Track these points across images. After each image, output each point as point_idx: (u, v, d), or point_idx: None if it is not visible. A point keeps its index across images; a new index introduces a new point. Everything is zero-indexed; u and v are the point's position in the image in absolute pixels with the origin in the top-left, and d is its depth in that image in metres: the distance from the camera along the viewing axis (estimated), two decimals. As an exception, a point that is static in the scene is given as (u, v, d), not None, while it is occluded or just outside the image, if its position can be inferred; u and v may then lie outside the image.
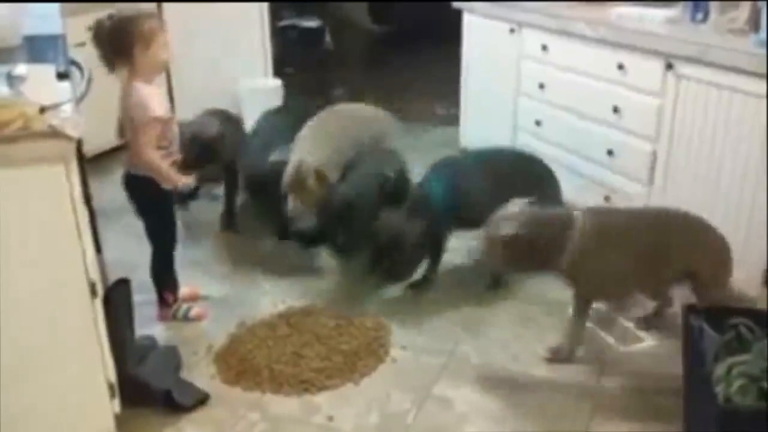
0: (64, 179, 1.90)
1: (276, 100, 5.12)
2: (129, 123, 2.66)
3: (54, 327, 2.01)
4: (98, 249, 2.46)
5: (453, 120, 4.91)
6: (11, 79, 1.91)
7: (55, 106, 1.93)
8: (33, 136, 1.79)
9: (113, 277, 3.06)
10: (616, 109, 3.33)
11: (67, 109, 1.97)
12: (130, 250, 3.26)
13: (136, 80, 2.59)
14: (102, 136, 4.30)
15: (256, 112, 4.99)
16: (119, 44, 2.53)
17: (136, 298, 2.63)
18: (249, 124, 5.04)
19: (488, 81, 4.30)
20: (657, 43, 3.08)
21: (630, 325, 2.86)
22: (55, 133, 1.80)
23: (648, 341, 2.78)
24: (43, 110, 1.86)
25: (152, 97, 2.61)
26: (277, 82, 5.27)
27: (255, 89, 5.14)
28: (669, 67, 3.03)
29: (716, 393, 1.86)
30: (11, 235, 1.89)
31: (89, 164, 4.14)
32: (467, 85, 4.57)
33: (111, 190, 4.09)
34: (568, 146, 3.70)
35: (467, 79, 4.55)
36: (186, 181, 2.75)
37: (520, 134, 4.07)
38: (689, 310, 2.20)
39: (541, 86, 3.82)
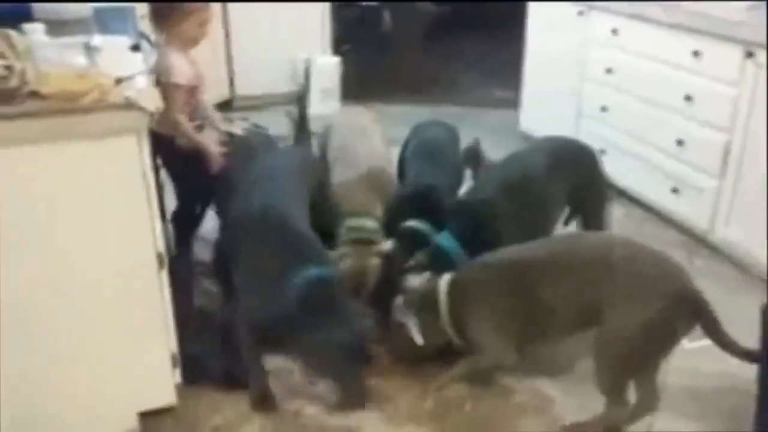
0: (136, 151, 1.90)
1: (334, 77, 5.10)
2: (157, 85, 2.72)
3: (121, 297, 2.03)
4: (164, 220, 2.48)
5: (513, 104, 4.82)
6: (88, 50, 1.91)
7: (130, 78, 1.94)
8: (109, 108, 1.80)
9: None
10: (688, 98, 3.21)
11: (141, 81, 1.98)
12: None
13: (170, 47, 2.74)
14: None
15: (315, 88, 5.02)
16: (159, 11, 2.73)
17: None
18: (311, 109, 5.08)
19: (552, 64, 4.21)
20: (737, 30, 2.95)
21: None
22: (130, 105, 1.80)
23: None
24: (119, 82, 1.86)
25: (178, 64, 2.73)
26: (336, 60, 5.24)
27: (314, 65, 5.12)
28: (749, 55, 2.90)
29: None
30: (83, 205, 1.91)
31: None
32: (530, 67, 4.48)
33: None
34: (634, 134, 3.59)
35: (530, 61, 4.46)
36: (217, 150, 2.80)
37: (584, 120, 3.97)
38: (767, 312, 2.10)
39: (609, 71, 3.71)
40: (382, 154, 3.07)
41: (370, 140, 3.12)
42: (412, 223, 2.77)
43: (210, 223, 3.06)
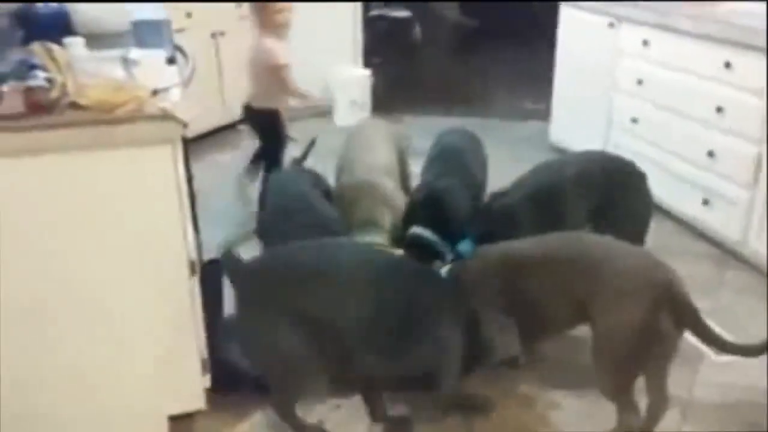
0: (171, 160, 1.96)
1: (365, 89, 5.16)
2: (254, 70, 3.47)
3: (153, 302, 2.08)
4: (196, 228, 2.52)
5: (543, 115, 4.83)
6: (126, 63, 1.98)
7: (166, 90, 1.99)
8: (145, 118, 1.86)
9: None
10: (719, 109, 3.20)
11: (176, 92, 2.03)
12: (212, 234, 3.35)
13: (264, 34, 3.38)
14: (197, 121, 4.51)
15: (345, 100, 5.07)
16: (254, 5, 3.43)
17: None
18: (337, 115, 5.13)
19: (583, 76, 4.21)
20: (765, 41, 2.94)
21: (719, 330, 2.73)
22: (166, 116, 1.86)
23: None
24: (155, 93, 1.92)
25: (276, 48, 3.39)
26: (366, 72, 5.31)
27: (345, 77, 5.18)
28: (780, 65, 2.88)
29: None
30: (119, 213, 1.96)
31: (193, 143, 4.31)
32: (560, 79, 4.49)
33: (201, 170, 4.26)
34: (665, 146, 3.57)
35: (560, 73, 4.47)
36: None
37: (614, 132, 3.97)
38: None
39: (640, 83, 3.71)
40: (382, 168, 3.06)
41: (374, 154, 3.13)
42: (418, 230, 2.76)
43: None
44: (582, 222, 2.70)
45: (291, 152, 4.67)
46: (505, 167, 3.38)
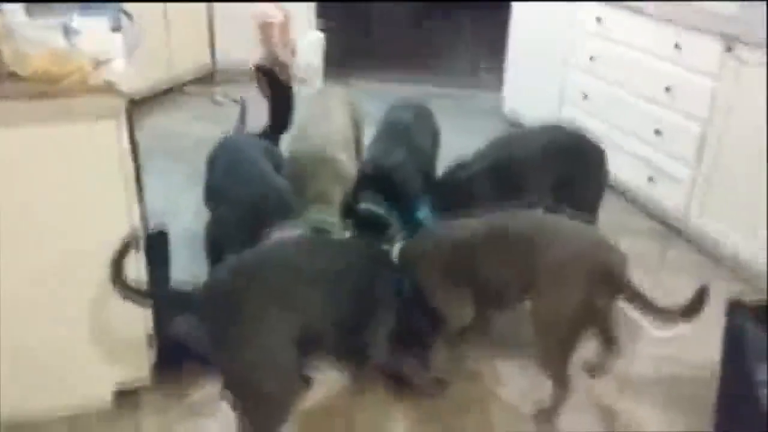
0: (114, 134, 1.90)
1: (318, 53, 5.07)
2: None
3: (96, 277, 2.01)
4: (140, 199, 2.47)
5: (498, 86, 4.82)
6: (68, 32, 1.89)
7: (109, 60, 1.92)
8: (89, 91, 1.79)
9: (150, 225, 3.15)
10: (668, 89, 3.25)
11: (120, 63, 1.96)
12: (167, 198, 3.29)
13: None
14: (144, 80, 4.39)
15: (299, 66, 4.98)
16: None
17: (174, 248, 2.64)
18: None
19: (536, 49, 4.22)
20: (717, 24, 2.98)
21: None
22: (110, 89, 1.79)
23: (682, 326, 2.73)
24: (98, 65, 1.85)
25: (265, 7, 3.53)
26: (319, 35, 5.20)
27: (298, 40, 5.07)
28: (728, 49, 2.93)
29: (759, 397, 1.83)
30: (59, 188, 1.91)
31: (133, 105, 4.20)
32: (514, 51, 4.48)
33: (148, 134, 4.16)
34: (614, 123, 3.62)
35: (514, 44, 4.47)
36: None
37: (566, 106, 4.00)
38: (733, 306, 2.15)
39: (592, 59, 3.73)
40: (338, 140, 2.98)
41: (329, 124, 3.05)
42: (367, 205, 2.75)
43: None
44: (542, 195, 2.74)
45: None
46: (458, 139, 3.39)
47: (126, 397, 2.24)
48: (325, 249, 2.16)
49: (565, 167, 2.70)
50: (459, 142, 3.29)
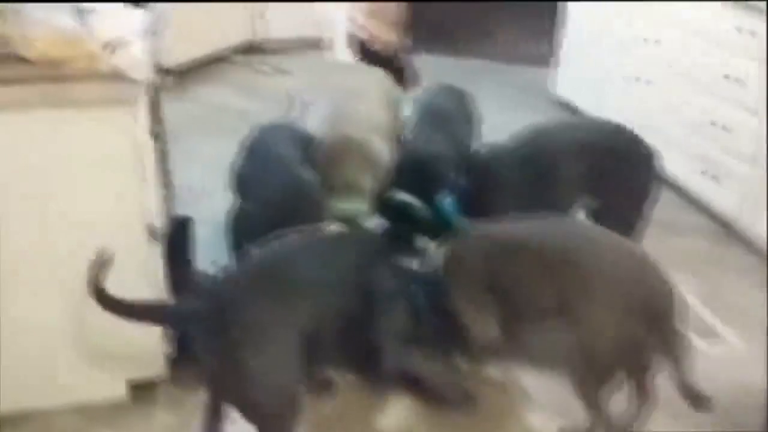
0: (129, 122, 1.82)
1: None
2: None
3: (113, 268, 1.96)
4: (166, 184, 2.40)
5: (548, 61, 4.59)
6: (80, 12, 1.79)
7: (125, 42, 1.82)
8: (95, 77, 1.70)
9: (179, 203, 3.09)
10: (727, 77, 3.01)
11: (138, 45, 1.86)
12: (195, 177, 3.22)
13: None
14: (181, 50, 4.31)
15: (345, 33, 4.83)
16: None
17: (198, 228, 2.56)
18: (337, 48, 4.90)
19: (592, 27, 3.99)
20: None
21: (715, 319, 2.63)
22: (118, 76, 1.70)
23: (732, 340, 2.55)
24: (109, 47, 1.75)
25: None
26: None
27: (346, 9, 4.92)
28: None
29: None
30: (71, 174, 1.84)
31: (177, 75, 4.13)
32: (568, 27, 4.25)
33: (185, 108, 4.11)
34: (668, 110, 3.40)
35: (569, 21, 4.23)
36: None
37: (618, 90, 3.77)
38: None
39: (647, 41, 3.49)
40: (372, 123, 2.83)
41: (365, 106, 2.89)
42: (398, 194, 2.59)
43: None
44: (575, 193, 2.55)
45: (286, 83, 4.54)
46: (502, 117, 3.21)
47: (142, 390, 2.18)
48: (319, 248, 2.03)
49: (604, 166, 2.47)
50: (502, 119, 3.12)
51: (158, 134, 2.24)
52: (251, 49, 4.97)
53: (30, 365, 2.03)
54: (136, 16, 2.04)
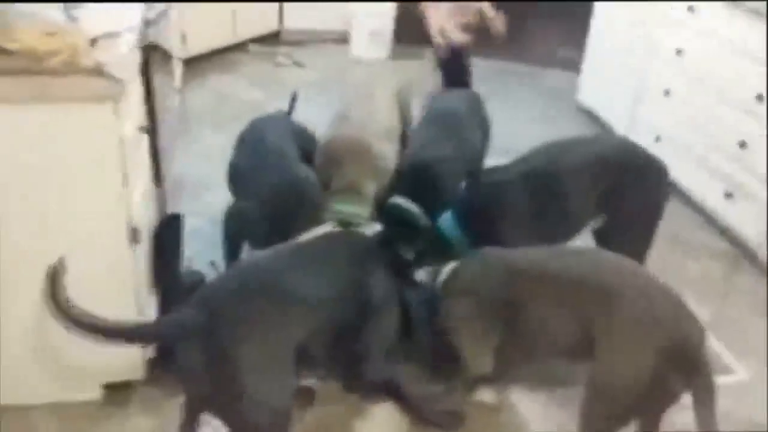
0: (112, 119, 1.74)
1: (387, 18, 4.80)
2: None
3: (90, 268, 1.87)
4: (158, 182, 2.33)
5: (576, 65, 4.44)
6: (68, 7, 1.72)
7: (115, 35, 1.75)
8: (76, 72, 1.63)
9: (182, 195, 3.03)
10: (760, 97, 2.86)
11: (125, 40, 1.79)
12: (202, 170, 3.16)
13: None
14: (201, 38, 4.25)
15: (364, 29, 4.72)
16: None
17: (199, 222, 2.50)
18: (354, 44, 4.79)
19: (620, 34, 3.83)
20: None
21: (724, 349, 2.51)
22: (100, 72, 1.63)
23: (740, 374, 2.43)
24: (94, 42, 1.68)
25: None
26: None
27: (367, 7, 4.81)
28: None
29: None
30: (52, 172, 1.77)
31: (186, 66, 4.07)
32: (594, 35, 4.11)
33: (200, 97, 4.05)
34: (694, 127, 3.25)
35: (596, 28, 4.09)
36: None
37: (644, 102, 3.62)
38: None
39: (679, 52, 3.34)
40: (380, 127, 2.73)
41: (372, 109, 2.79)
42: (399, 200, 2.49)
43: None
44: (586, 213, 2.43)
45: (302, 76, 4.46)
46: (524, 124, 3.08)
47: (118, 390, 2.13)
48: (311, 257, 1.93)
49: (617, 185, 2.35)
50: (525, 127, 2.99)
51: (151, 129, 2.17)
52: (271, 40, 4.89)
53: (5, 363, 1.97)
54: (131, 9, 1.97)
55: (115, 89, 1.68)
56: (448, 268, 2.15)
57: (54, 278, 1.52)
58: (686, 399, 1.73)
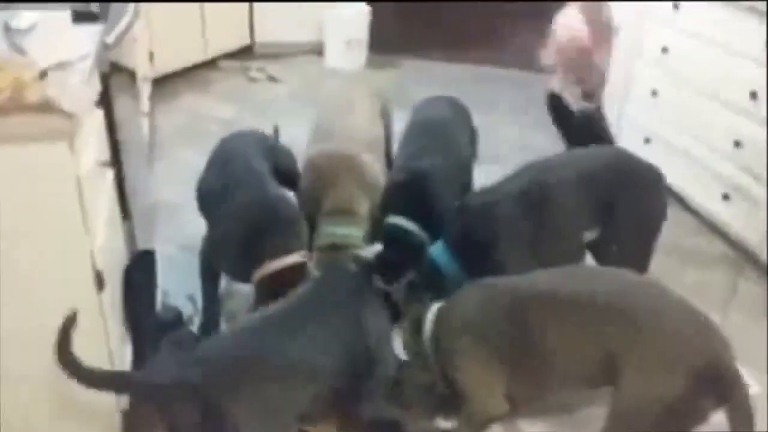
0: (67, 157, 1.58)
1: (362, 27, 4.67)
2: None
3: (56, 321, 1.73)
4: (126, 216, 2.17)
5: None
6: (8, 32, 1.57)
7: (64, 66, 1.60)
8: (23, 110, 1.47)
9: (155, 221, 2.87)
10: (753, 95, 2.74)
11: (79, 69, 1.63)
12: (177, 192, 3.00)
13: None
14: (170, 56, 4.08)
15: (339, 39, 4.58)
16: None
17: (174, 250, 2.32)
18: (328, 55, 4.64)
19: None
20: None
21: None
22: (48, 107, 1.47)
23: (753, 387, 2.30)
24: (43, 75, 1.53)
25: (563, 22, 2.97)
26: (366, 8, 4.77)
27: (340, 13, 4.66)
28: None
29: None
30: (7, 219, 1.61)
31: (155, 86, 3.91)
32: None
33: (171, 117, 3.88)
34: (686, 128, 3.14)
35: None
36: None
37: (632, 101, 3.50)
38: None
39: (665, 51, 3.23)
40: (364, 139, 2.61)
41: (354, 120, 2.66)
42: (396, 220, 2.36)
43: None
44: (582, 229, 2.31)
45: (276, 90, 4.30)
46: (512, 129, 2.93)
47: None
48: (303, 314, 1.80)
49: (613, 197, 2.25)
50: (515, 131, 2.85)
51: (114, 161, 2.01)
52: (243, 55, 4.73)
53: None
54: (87, 34, 1.81)
55: (67, 125, 1.52)
56: (432, 313, 2.02)
57: (63, 333, 1.54)
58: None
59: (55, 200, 1.62)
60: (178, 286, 2.47)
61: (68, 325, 1.54)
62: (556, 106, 3.11)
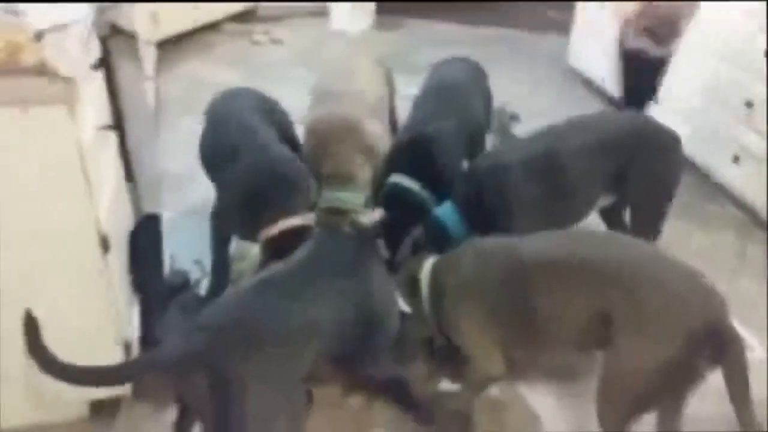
0: (67, 122, 1.56)
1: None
2: None
3: (62, 283, 1.75)
4: (130, 178, 2.16)
5: (566, 29, 4.24)
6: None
7: (60, 29, 1.57)
8: (17, 73, 1.45)
9: (161, 188, 2.86)
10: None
11: (79, 30, 1.60)
12: (182, 161, 2.98)
13: None
14: (173, 20, 4.02)
15: (345, 4, 4.51)
16: None
17: (181, 216, 2.33)
18: (333, 16, 4.57)
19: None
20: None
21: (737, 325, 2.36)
22: (44, 70, 1.44)
23: (756, 351, 2.28)
24: (39, 36, 1.50)
25: None
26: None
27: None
28: None
29: None
30: (6, 184, 1.60)
31: (159, 49, 3.86)
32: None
33: (174, 83, 3.84)
34: (695, 87, 3.09)
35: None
36: None
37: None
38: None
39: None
40: (366, 103, 2.56)
41: (355, 84, 2.62)
42: (399, 179, 2.33)
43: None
44: (595, 194, 2.28)
45: (280, 54, 4.25)
46: (516, 88, 2.90)
47: (105, 407, 1.98)
48: (307, 276, 1.78)
49: (630, 161, 2.21)
50: (517, 92, 2.81)
51: (118, 125, 1.99)
52: (246, 17, 4.67)
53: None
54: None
55: (65, 89, 1.50)
56: (429, 262, 2.00)
57: (30, 331, 1.45)
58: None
59: (57, 165, 1.61)
60: (185, 251, 2.47)
61: (31, 326, 1.46)
62: (633, 57, 3.24)
